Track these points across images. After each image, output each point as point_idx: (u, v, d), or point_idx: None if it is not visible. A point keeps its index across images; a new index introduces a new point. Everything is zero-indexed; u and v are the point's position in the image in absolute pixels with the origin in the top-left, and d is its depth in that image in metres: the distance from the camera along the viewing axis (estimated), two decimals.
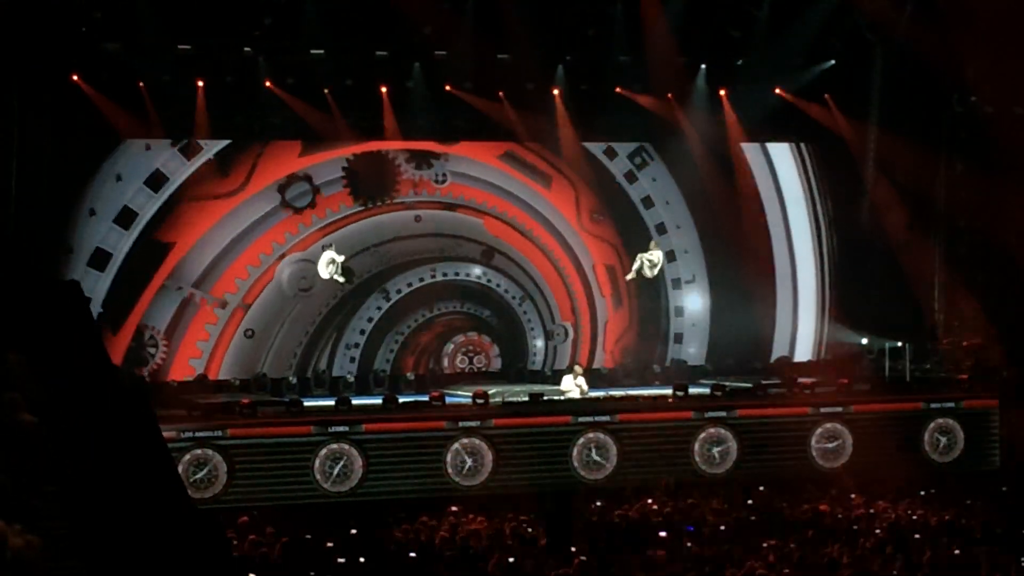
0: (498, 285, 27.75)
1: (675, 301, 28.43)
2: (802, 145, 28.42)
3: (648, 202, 28.18)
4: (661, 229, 28.23)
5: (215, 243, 25.94)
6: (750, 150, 28.46)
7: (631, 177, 28.08)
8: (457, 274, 27.56)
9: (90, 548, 12.94)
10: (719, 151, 27.93)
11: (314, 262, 26.45)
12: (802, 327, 28.73)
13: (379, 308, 27.12)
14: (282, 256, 26.31)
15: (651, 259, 27.67)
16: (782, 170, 28.63)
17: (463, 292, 27.58)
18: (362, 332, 27.04)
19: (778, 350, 28.60)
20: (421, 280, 27.34)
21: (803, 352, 28.70)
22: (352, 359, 26.92)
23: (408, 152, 26.98)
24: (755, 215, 28.51)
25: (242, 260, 26.12)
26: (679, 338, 28.47)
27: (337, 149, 26.54)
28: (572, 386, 24.28)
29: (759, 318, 28.38)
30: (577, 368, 24.98)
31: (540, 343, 27.93)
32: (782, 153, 28.62)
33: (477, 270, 27.60)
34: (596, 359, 27.88)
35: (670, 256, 28.29)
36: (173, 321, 25.72)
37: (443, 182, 27.22)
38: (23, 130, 23.57)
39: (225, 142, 25.60)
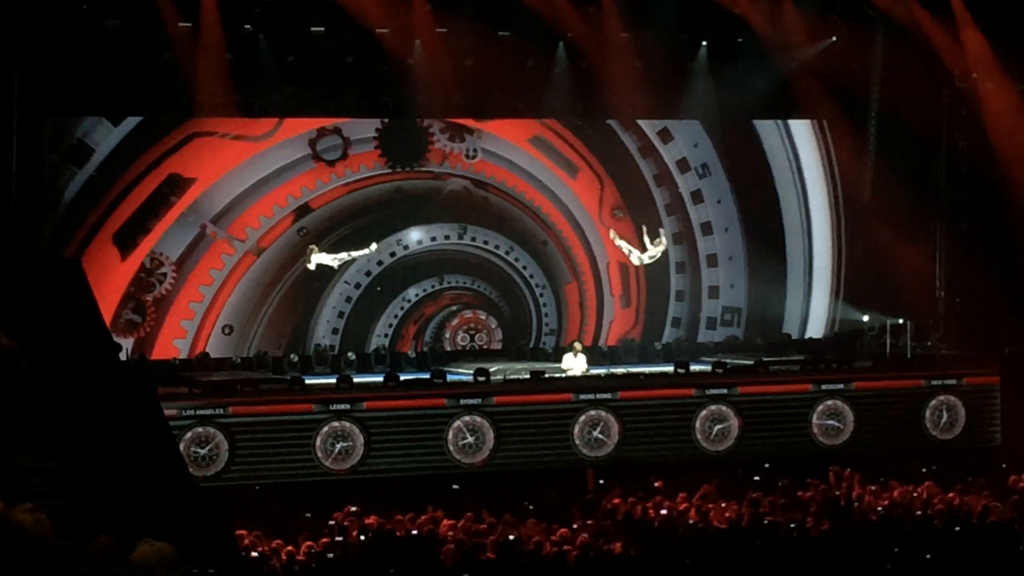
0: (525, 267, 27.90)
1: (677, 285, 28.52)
2: (825, 122, 28.35)
3: (660, 180, 28.25)
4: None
5: (239, 182, 26.01)
6: (767, 126, 28.48)
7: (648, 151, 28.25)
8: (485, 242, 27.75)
9: (90, 525, 12.93)
10: (723, 128, 27.98)
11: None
12: (815, 306, 28.65)
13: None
14: (301, 207, 26.42)
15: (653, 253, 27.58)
16: (802, 146, 28.61)
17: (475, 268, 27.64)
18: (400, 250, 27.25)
19: (789, 328, 28.59)
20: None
21: (815, 331, 28.67)
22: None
23: (444, 123, 27.03)
24: (768, 192, 28.51)
25: (264, 203, 26.20)
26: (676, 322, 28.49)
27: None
28: (573, 364, 24.29)
29: (771, 296, 28.41)
30: (577, 346, 24.97)
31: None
32: (802, 130, 28.58)
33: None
34: (600, 338, 27.86)
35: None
36: (186, 252, 25.79)
37: (473, 157, 27.25)
38: (23, 108, 23.54)
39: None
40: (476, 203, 27.45)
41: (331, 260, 26.19)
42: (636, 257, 27.48)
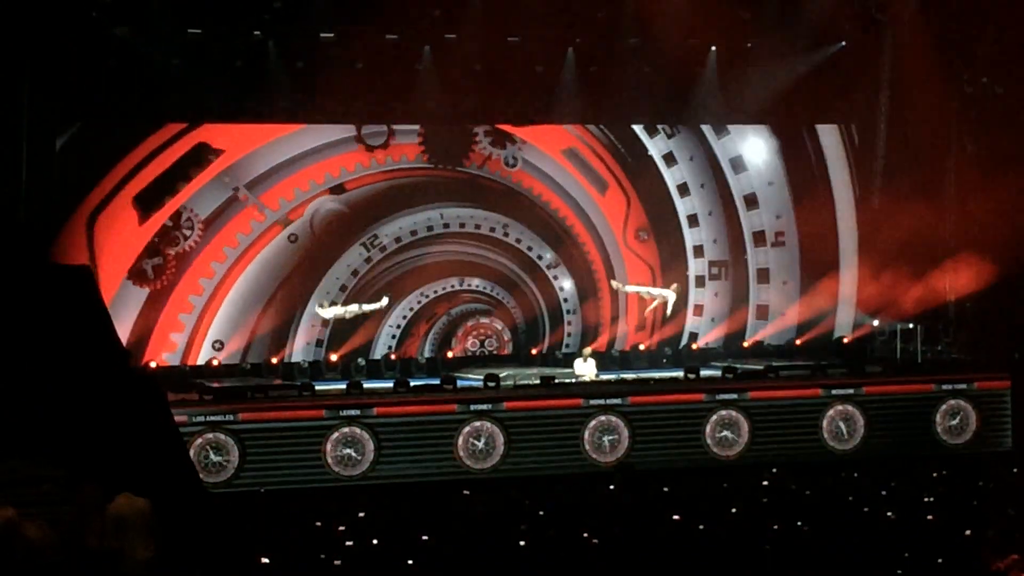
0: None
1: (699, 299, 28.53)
2: (853, 127, 28.32)
3: (684, 190, 28.28)
4: (693, 221, 28.36)
5: (279, 153, 26.19)
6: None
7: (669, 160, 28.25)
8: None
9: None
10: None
11: None
12: (841, 312, 28.61)
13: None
14: (335, 188, 26.64)
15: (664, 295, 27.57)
16: (829, 152, 28.65)
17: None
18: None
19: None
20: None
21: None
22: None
23: (489, 127, 27.18)
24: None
25: (299, 176, 26.36)
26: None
27: None
28: (584, 370, 24.29)
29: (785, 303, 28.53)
30: (586, 351, 24.98)
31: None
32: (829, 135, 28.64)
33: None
34: (614, 267, 28.06)
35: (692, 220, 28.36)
36: (215, 213, 25.92)
37: (513, 166, 27.38)
38: (32, 116, 23.57)
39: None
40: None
41: (342, 311, 26.10)
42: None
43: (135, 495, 12.98)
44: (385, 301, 26.39)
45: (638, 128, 27.96)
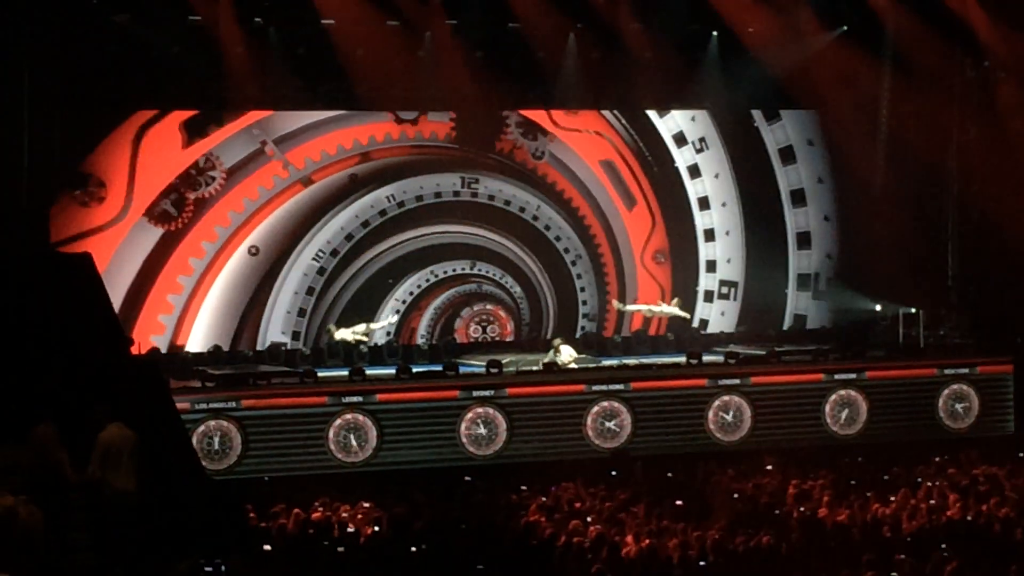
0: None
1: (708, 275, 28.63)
2: (853, 111, 28.28)
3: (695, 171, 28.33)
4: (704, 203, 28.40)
5: (313, 112, 26.33)
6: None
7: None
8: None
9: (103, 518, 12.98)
10: (735, 118, 28.05)
11: None
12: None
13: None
14: (363, 154, 26.71)
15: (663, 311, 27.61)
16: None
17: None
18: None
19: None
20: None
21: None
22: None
23: (520, 116, 27.27)
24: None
25: (328, 139, 26.48)
26: (709, 295, 28.50)
27: None
28: (558, 361, 24.06)
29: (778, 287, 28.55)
30: (556, 342, 24.72)
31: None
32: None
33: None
34: (626, 285, 28.05)
35: (709, 235, 28.38)
36: (240, 163, 26.04)
37: (540, 158, 27.43)
38: (33, 103, 23.55)
39: None
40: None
41: (350, 336, 26.00)
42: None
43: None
44: (395, 319, 26.32)
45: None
